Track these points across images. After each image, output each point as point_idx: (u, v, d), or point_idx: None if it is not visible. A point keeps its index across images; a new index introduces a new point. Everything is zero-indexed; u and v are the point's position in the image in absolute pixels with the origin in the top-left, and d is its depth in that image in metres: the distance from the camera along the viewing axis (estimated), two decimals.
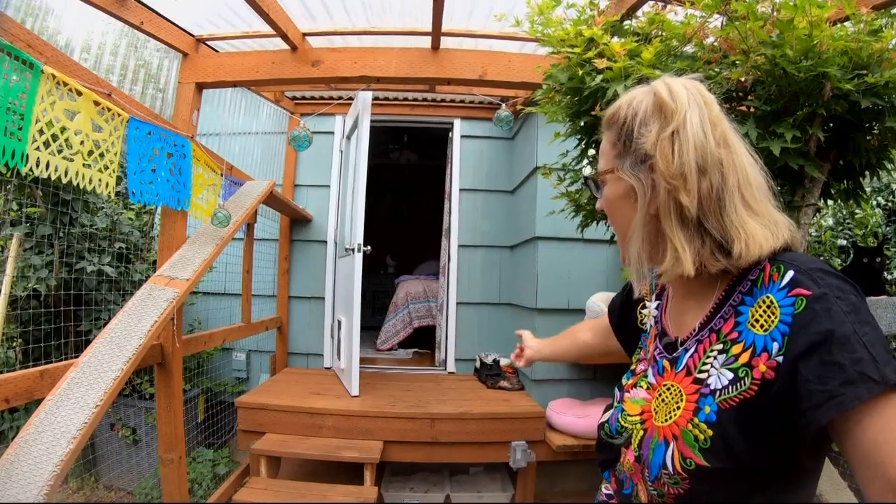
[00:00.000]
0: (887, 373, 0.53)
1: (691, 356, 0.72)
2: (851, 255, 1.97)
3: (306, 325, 3.83)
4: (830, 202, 1.87)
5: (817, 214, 1.58)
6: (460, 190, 3.89)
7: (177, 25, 2.35)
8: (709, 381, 0.67)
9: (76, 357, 1.66)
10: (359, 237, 2.95)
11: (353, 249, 2.98)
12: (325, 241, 3.86)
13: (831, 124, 1.44)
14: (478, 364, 3.52)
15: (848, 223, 3.06)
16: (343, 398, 2.91)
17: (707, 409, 0.65)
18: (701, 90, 0.72)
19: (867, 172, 1.56)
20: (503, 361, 3.32)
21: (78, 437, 1.40)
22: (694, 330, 0.74)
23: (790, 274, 0.62)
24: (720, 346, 0.68)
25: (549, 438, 2.62)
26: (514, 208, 3.69)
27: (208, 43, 2.54)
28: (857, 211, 2.89)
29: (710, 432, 0.63)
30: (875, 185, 2.96)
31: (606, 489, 0.85)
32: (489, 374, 3.29)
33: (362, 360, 3.14)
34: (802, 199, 1.48)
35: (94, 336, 1.95)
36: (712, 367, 0.67)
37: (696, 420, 0.65)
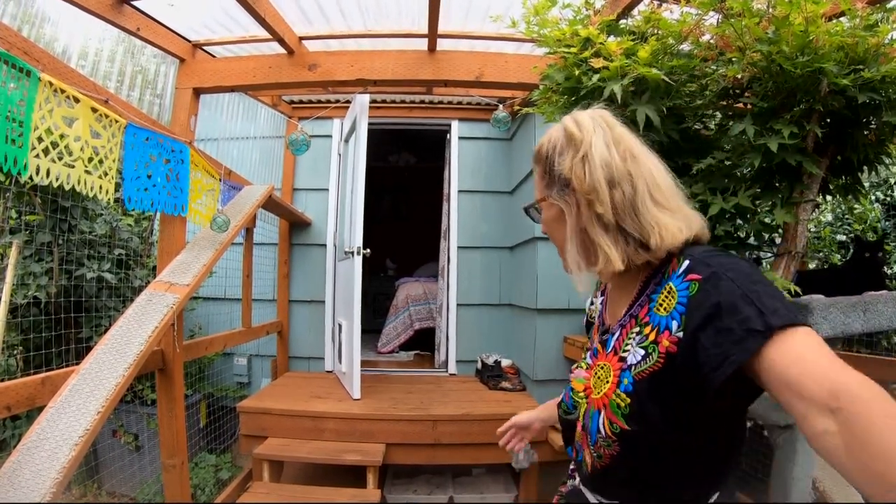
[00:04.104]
0: (772, 321, 0.62)
1: (617, 339, 0.84)
2: (852, 250, 1.96)
3: (307, 329, 3.83)
4: (829, 198, 1.87)
5: (816, 210, 1.59)
6: (459, 191, 3.89)
7: (173, 31, 2.35)
8: (627, 358, 0.78)
9: (77, 364, 1.66)
10: (358, 240, 2.95)
11: (352, 252, 2.98)
12: (325, 245, 3.86)
13: (828, 120, 1.44)
14: (479, 365, 3.52)
15: (847, 219, 3.06)
16: (345, 401, 2.90)
17: (626, 381, 0.77)
18: (604, 116, 0.85)
19: (865, 168, 1.56)
20: (504, 362, 3.32)
21: (80, 444, 1.40)
22: (620, 317, 0.86)
23: (686, 263, 0.73)
24: (637, 329, 0.79)
25: (552, 439, 2.62)
26: (513, 209, 3.69)
27: (205, 48, 2.54)
28: (855, 206, 2.89)
29: (628, 400, 0.75)
30: (873, 181, 2.96)
31: (572, 463, 0.97)
32: (490, 375, 3.29)
33: (363, 363, 3.14)
34: (801, 195, 1.48)
35: (94, 343, 1.95)
36: (630, 346, 0.79)
37: (618, 391, 0.77)
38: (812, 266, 2.98)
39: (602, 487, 0.84)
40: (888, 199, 2.98)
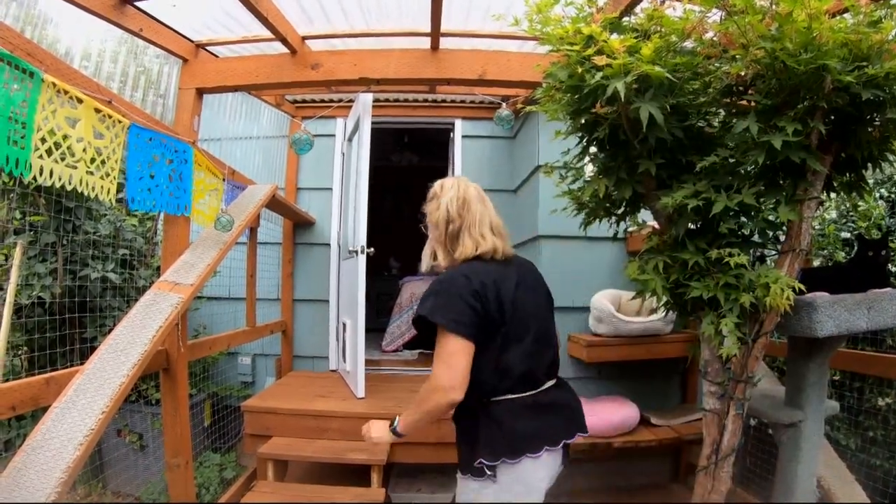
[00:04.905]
0: (422, 312, 1.37)
1: None
2: (855, 248, 1.95)
3: (311, 329, 3.84)
4: (833, 195, 1.86)
5: (820, 208, 1.58)
6: None
7: (176, 31, 2.35)
8: None
9: (82, 364, 1.67)
10: (362, 239, 2.95)
11: (356, 251, 2.98)
12: (329, 244, 3.86)
13: (832, 117, 1.43)
14: None
15: (851, 216, 3.04)
16: (349, 400, 2.91)
17: None
18: (460, 183, 1.52)
19: (869, 164, 1.55)
20: None
21: (85, 444, 1.41)
22: None
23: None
24: None
25: None
26: (517, 207, 3.69)
27: (208, 48, 2.54)
28: (860, 203, 2.87)
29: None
30: (878, 177, 2.94)
31: None
32: None
33: (367, 362, 3.14)
34: (805, 192, 1.47)
35: (99, 343, 1.95)
36: None
37: None
38: (816, 263, 2.97)
39: None
40: (892, 196, 2.96)
